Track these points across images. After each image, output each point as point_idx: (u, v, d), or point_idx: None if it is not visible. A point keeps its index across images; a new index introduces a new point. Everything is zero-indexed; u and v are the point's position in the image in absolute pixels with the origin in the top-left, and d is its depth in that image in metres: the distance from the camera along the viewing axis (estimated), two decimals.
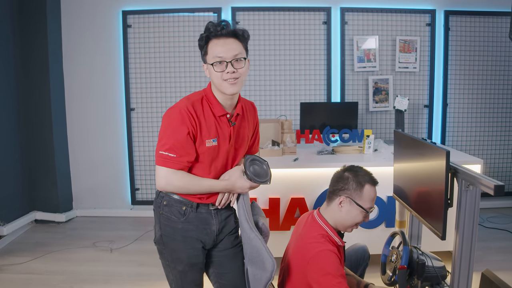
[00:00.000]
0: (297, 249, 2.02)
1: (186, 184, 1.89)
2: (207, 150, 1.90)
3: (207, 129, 1.89)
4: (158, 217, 2.01)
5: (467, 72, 4.83)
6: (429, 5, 4.72)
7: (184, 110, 1.85)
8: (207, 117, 1.90)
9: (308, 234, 2.00)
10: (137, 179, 4.91)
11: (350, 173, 2.02)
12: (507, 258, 3.69)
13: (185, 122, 1.84)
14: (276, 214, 3.36)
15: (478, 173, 1.92)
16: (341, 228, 2.03)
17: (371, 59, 4.71)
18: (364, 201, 1.97)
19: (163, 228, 1.98)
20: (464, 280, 2.00)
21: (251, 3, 4.62)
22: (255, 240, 1.85)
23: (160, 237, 1.99)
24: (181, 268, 1.98)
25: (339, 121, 4.29)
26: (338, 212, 1.99)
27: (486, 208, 4.87)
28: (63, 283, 3.36)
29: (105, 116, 4.85)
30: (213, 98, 1.92)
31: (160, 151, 1.85)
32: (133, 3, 4.65)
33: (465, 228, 1.96)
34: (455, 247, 2.01)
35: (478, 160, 3.40)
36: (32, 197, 4.64)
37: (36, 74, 4.51)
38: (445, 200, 1.94)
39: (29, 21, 4.44)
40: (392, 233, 2.32)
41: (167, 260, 2.01)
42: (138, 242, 4.16)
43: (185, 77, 4.75)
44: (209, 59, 1.85)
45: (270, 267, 1.77)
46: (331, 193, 2.04)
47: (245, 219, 1.92)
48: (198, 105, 1.89)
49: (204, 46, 1.87)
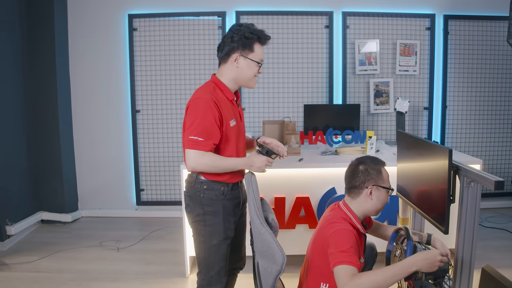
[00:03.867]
0: (319, 230, 2.13)
1: (214, 162, 2.18)
2: (232, 130, 2.26)
3: (227, 112, 2.22)
4: (198, 200, 2.26)
5: (466, 75, 4.92)
6: (428, 10, 4.81)
7: (210, 99, 2.15)
8: (224, 102, 2.23)
9: (331, 216, 2.12)
10: (142, 180, 4.97)
11: (363, 165, 2.16)
12: (506, 256, 3.77)
13: (212, 110, 2.14)
14: (282, 213, 3.42)
15: (479, 170, 2.00)
16: (374, 214, 2.18)
17: (372, 62, 4.79)
18: (386, 182, 2.15)
19: (205, 208, 2.26)
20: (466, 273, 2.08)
21: (255, 7, 4.71)
22: (266, 234, 1.91)
23: (202, 216, 2.26)
24: (217, 241, 2.26)
25: (341, 122, 4.37)
26: (369, 201, 2.13)
27: (485, 208, 4.95)
28: (72, 281, 3.42)
29: (110, 118, 4.92)
30: (224, 85, 2.27)
31: (190, 136, 2.13)
32: (139, 7, 4.74)
33: (467, 222, 2.03)
34: (457, 241, 2.09)
35: (477, 160, 3.47)
36: (39, 197, 4.69)
37: (43, 76, 4.58)
38: (448, 196, 2.02)
39: (36, 24, 4.51)
40: (397, 229, 2.39)
41: (204, 236, 2.28)
42: (144, 242, 4.21)
43: (190, 80, 4.82)
44: (254, 57, 2.25)
45: (280, 260, 1.83)
46: (354, 188, 2.15)
47: (256, 215, 1.98)
48: (215, 94, 2.22)
49: (251, 44, 2.23)
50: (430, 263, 1.85)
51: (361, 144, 3.91)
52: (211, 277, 2.30)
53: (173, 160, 4.89)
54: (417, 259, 1.85)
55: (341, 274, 1.79)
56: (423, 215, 2.31)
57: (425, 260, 1.85)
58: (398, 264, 1.86)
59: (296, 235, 3.46)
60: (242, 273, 2.66)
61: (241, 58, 2.24)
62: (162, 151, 4.92)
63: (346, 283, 1.75)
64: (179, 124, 4.87)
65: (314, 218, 3.41)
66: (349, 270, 1.79)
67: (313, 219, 3.41)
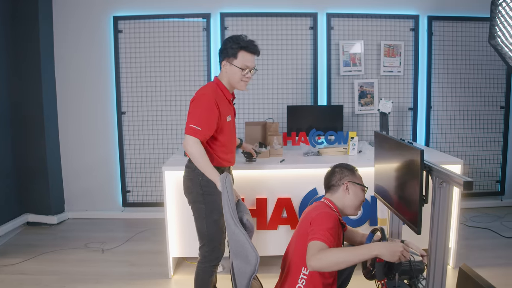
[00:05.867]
0: (302, 220, 2.23)
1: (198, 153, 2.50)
2: (228, 124, 2.65)
3: (224, 108, 2.59)
4: (197, 182, 2.60)
5: (450, 76, 4.96)
6: (413, 11, 4.85)
7: (212, 95, 2.53)
8: (223, 100, 2.61)
9: (314, 206, 2.25)
10: (128, 181, 4.97)
11: (338, 167, 2.38)
12: (489, 255, 3.81)
13: (213, 106, 2.51)
14: (263, 214, 3.44)
15: (450, 170, 2.02)
16: (352, 211, 2.32)
17: (356, 63, 4.82)
18: (360, 181, 2.35)
19: (204, 189, 2.59)
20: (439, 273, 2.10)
21: (240, 9, 4.73)
22: (239, 235, 1.93)
23: (201, 196, 2.61)
24: (217, 217, 2.61)
25: (325, 123, 4.39)
26: (347, 196, 2.28)
27: (470, 208, 5.01)
28: (55, 283, 3.42)
29: (96, 119, 4.92)
30: (224, 87, 2.66)
31: (191, 124, 2.50)
32: (124, 9, 4.74)
33: (440, 222, 2.05)
34: (430, 241, 2.11)
35: (458, 161, 3.51)
36: (24, 199, 4.69)
37: (29, 76, 4.57)
38: (420, 197, 2.04)
39: (22, 26, 4.51)
40: (373, 229, 2.41)
41: (204, 213, 2.62)
42: (129, 243, 4.22)
43: (175, 81, 4.84)
44: (237, 63, 2.57)
45: (253, 260, 1.85)
46: (332, 185, 2.33)
47: (230, 215, 2.00)
48: (217, 93, 2.59)
49: (235, 53, 2.55)
50: (392, 251, 1.92)
51: (344, 144, 3.94)
52: (214, 247, 2.67)
53: (159, 162, 4.90)
54: (381, 245, 1.94)
55: (311, 247, 1.90)
56: (398, 215, 2.33)
57: (387, 247, 1.92)
58: (363, 246, 1.95)
59: (278, 236, 3.48)
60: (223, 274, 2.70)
61: (228, 64, 2.60)
62: (148, 152, 4.92)
63: (311, 255, 1.86)
64: (164, 126, 4.88)
65: (296, 219, 3.43)
66: (320, 246, 1.89)
67: (295, 220, 3.43)
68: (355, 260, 1.88)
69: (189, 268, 3.65)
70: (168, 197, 3.41)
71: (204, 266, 2.71)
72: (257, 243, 3.48)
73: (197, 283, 2.73)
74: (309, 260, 1.86)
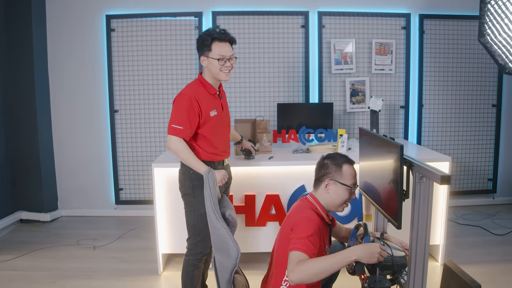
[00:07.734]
0: (285, 220, 2.24)
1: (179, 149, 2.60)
2: (213, 119, 2.68)
3: (207, 104, 2.64)
4: (188, 175, 2.69)
5: (441, 74, 4.99)
6: (404, 9, 4.87)
7: (191, 94, 2.60)
8: (205, 96, 2.66)
9: (297, 206, 2.25)
10: (121, 179, 5.00)
11: (328, 159, 2.29)
12: (478, 252, 3.84)
13: (192, 105, 2.58)
14: (252, 211, 3.47)
15: (430, 165, 2.04)
16: (333, 208, 2.27)
17: (348, 62, 4.84)
18: (346, 179, 2.23)
19: (194, 182, 2.67)
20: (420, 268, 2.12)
21: (231, 8, 4.75)
22: (221, 229, 1.96)
23: (192, 189, 2.69)
24: (204, 210, 2.49)
25: (315, 121, 4.40)
26: (326, 194, 2.23)
27: (462, 206, 5.03)
28: (46, 279, 3.45)
29: (89, 118, 4.94)
30: (207, 82, 2.70)
31: (172, 124, 2.59)
32: (117, 8, 4.77)
33: (420, 217, 2.07)
34: (411, 236, 2.13)
35: (446, 158, 3.53)
36: (18, 197, 4.71)
37: (22, 75, 4.60)
38: (400, 191, 2.07)
39: (15, 25, 4.53)
40: (356, 225, 2.43)
41: (194, 206, 2.70)
42: (121, 240, 4.25)
43: (167, 79, 4.86)
44: (213, 55, 2.60)
45: (234, 254, 1.88)
46: (317, 180, 2.29)
47: (212, 210, 2.02)
48: (198, 90, 2.65)
49: (209, 45, 2.59)
50: (369, 253, 1.92)
51: (334, 142, 3.96)
52: (198, 241, 2.74)
53: (151, 160, 4.92)
54: (357, 249, 1.94)
55: (291, 259, 1.89)
56: (380, 210, 2.35)
57: (365, 250, 1.93)
58: (340, 252, 1.94)
59: (267, 233, 3.51)
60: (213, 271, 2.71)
61: (206, 59, 2.65)
62: (140, 150, 4.94)
63: (291, 269, 1.86)
64: (156, 124, 4.90)
65: (284, 216, 3.44)
66: (300, 257, 1.88)
67: (283, 217, 3.45)
68: (335, 269, 1.89)
69: (178, 264, 3.66)
70: (157, 193, 3.44)
71: (189, 259, 2.78)
72: (246, 240, 3.50)
73: (182, 276, 2.81)
74: (289, 275, 1.86)
